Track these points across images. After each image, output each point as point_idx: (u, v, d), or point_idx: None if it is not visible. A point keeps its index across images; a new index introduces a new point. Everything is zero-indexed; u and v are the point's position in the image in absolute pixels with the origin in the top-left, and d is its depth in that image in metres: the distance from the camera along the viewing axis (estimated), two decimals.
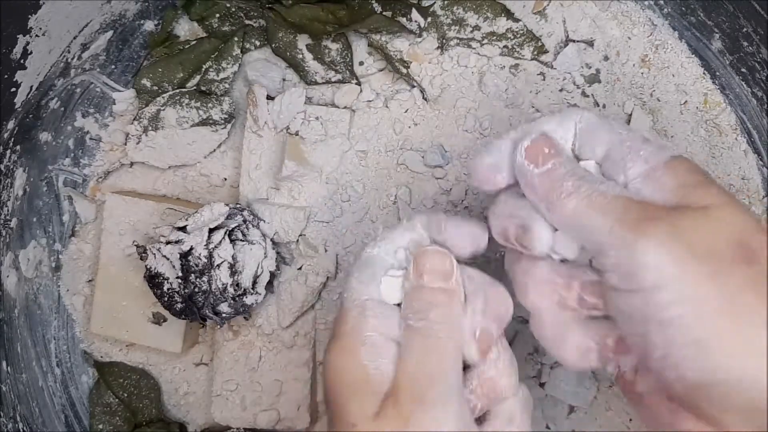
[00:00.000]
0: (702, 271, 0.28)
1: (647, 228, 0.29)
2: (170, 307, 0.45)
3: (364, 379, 0.31)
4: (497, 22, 0.49)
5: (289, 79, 0.51)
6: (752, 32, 0.45)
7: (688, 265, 0.28)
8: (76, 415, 0.52)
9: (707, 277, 0.28)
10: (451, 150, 0.49)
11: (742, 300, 0.27)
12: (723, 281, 0.28)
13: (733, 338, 0.27)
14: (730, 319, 0.27)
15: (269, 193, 0.49)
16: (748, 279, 0.28)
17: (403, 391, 0.31)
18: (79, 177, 0.52)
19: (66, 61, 0.48)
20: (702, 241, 0.28)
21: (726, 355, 0.27)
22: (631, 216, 0.29)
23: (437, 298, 0.33)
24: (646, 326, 0.29)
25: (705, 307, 0.27)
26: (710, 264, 0.28)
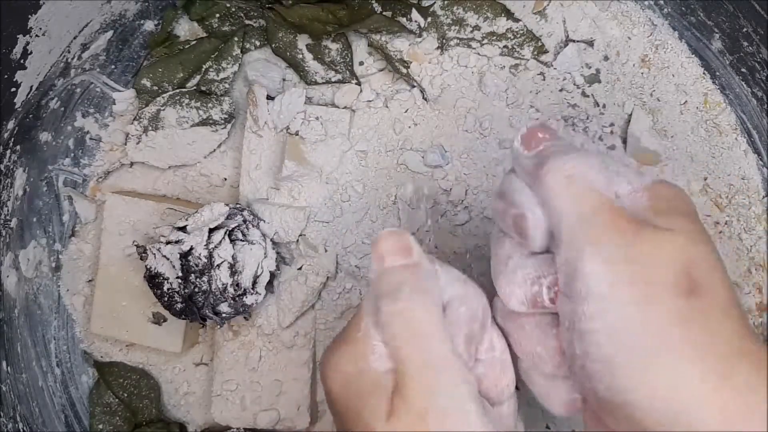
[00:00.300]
0: (634, 294, 0.27)
1: (601, 236, 0.28)
2: (170, 307, 0.45)
3: (374, 384, 0.30)
4: (497, 22, 0.49)
5: (289, 79, 0.51)
6: (752, 32, 0.45)
7: (623, 286, 0.27)
8: (76, 415, 0.52)
9: (637, 301, 0.27)
10: (451, 150, 0.49)
11: (668, 332, 0.27)
12: (654, 309, 0.27)
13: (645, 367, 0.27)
14: (647, 348, 0.27)
15: (269, 193, 0.49)
16: (683, 312, 0.27)
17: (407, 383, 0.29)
18: (79, 177, 0.52)
19: (66, 61, 0.48)
20: (649, 264, 0.28)
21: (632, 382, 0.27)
22: (596, 217, 0.29)
23: (404, 275, 0.31)
24: (571, 334, 0.29)
25: (625, 330, 0.27)
26: (647, 289, 0.27)
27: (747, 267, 0.48)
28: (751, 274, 0.48)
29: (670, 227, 0.28)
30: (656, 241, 0.28)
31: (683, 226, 0.29)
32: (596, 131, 0.49)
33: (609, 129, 0.49)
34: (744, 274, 0.48)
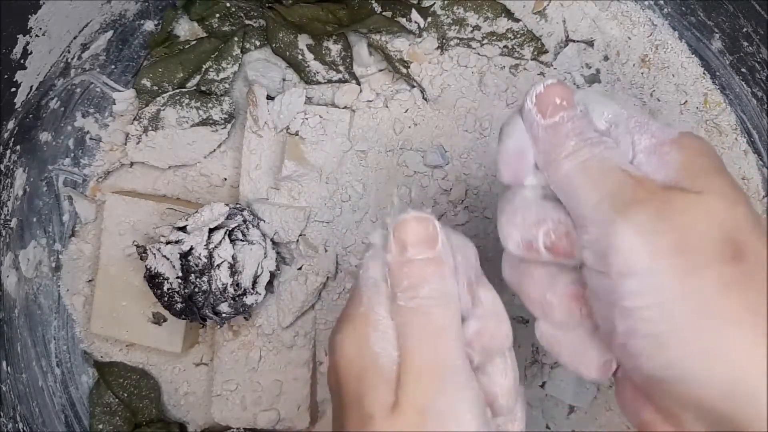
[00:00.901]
0: (677, 264, 0.26)
1: (632, 210, 0.27)
2: (170, 307, 0.45)
3: (376, 367, 0.29)
4: (497, 22, 0.49)
5: (289, 79, 0.51)
6: (752, 32, 0.45)
7: (663, 258, 0.26)
8: (76, 415, 0.52)
9: (682, 272, 0.26)
10: (451, 150, 0.49)
11: (716, 300, 0.26)
12: (699, 278, 0.26)
13: (696, 338, 0.26)
14: (697, 318, 0.26)
15: (269, 193, 0.49)
16: (729, 278, 0.26)
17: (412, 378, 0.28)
18: (79, 177, 0.52)
19: (66, 61, 0.48)
20: (686, 231, 0.26)
21: (684, 355, 0.26)
22: (621, 194, 0.28)
23: (426, 272, 0.30)
24: (612, 311, 0.28)
25: (672, 303, 0.26)
26: (689, 258, 0.26)
27: None
28: None
29: (703, 189, 0.27)
30: (691, 206, 0.27)
31: (717, 185, 0.28)
32: None
33: None
34: None
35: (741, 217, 0.27)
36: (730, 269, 0.26)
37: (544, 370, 0.47)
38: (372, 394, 0.29)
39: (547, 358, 0.47)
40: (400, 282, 0.30)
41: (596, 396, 0.48)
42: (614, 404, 0.48)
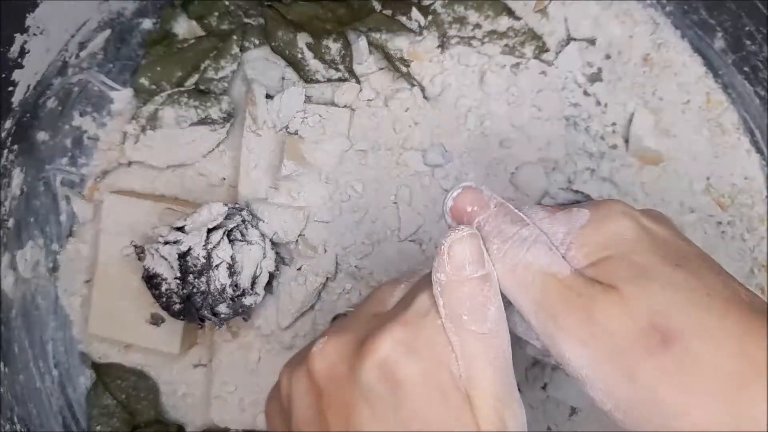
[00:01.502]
0: (616, 369, 0.27)
1: (563, 319, 0.28)
2: (168, 308, 0.45)
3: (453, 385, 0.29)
4: (498, 20, 0.49)
5: (288, 77, 0.51)
6: (755, 31, 0.45)
7: (604, 364, 0.27)
8: (73, 417, 0.52)
9: (623, 375, 0.27)
10: (452, 149, 0.48)
11: (658, 393, 0.26)
12: (637, 377, 0.26)
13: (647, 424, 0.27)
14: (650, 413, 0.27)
15: (268, 193, 0.49)
16: (661, 368, 0.26)
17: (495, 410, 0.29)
18: (77, 177, 0.52)
19: (63, 60, 0.47)
20: (613, 332, 0.27)
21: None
22: (549, 300, 0.28)
23: (487, 294, 0.30)
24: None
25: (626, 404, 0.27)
26: (624, 359, 0.27)
27: (750, 267, 0.48)
28: (753, 274, 0.48)
29: (614, 282, 0.28)
30: (609, 304, 0.27)
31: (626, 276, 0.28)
32: (598, 130, 0.49)
33: (611, 128, 0.49)
34: (747, 275, 0.48)
35: (655, 300, 0.27)
36: (662, 359, 0.26)
37: (546, 371, 0.47)
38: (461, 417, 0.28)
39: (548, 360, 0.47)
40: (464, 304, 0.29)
41: None
42: None
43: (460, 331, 0.29)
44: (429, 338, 0.29)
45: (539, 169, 0.48)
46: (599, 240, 0.29)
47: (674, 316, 0.27)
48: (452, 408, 0.28)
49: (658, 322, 0.27)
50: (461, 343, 0.29)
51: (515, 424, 0.29)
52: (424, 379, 0.28)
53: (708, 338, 0.26)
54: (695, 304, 0.27)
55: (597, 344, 0.27)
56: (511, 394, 0.30)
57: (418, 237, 0.48)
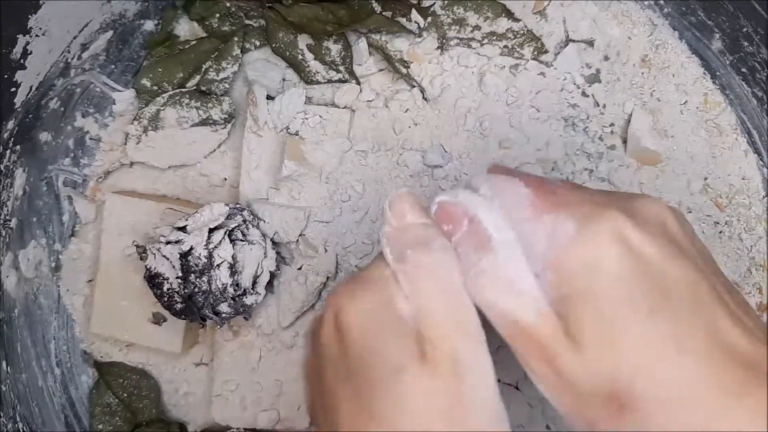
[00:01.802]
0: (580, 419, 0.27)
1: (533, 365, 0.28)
2: (170, 307, 0.45)
3: (400, 324, 0.29)
4: (497, 22, 0.49)
5: (289, 79, 0.51)
6: (752, 32, 0.45)
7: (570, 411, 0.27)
8: (75, 415, 0.52)
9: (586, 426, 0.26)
10: (451, 150, 0.49)
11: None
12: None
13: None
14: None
15: (269, 193, 0.49)
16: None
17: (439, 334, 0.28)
18: (79, 177, 0.52)
19: (66, 61, 0.48)
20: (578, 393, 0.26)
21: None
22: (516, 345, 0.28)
23: (430, 232, 0.30)
24: None
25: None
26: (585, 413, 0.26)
27: (747, 267, 0.48)
28: (751, 274, 0.48)
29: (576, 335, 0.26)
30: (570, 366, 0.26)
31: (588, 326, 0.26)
32: (596, 131, 0.49)
33: (609, 129, 0.49)
34: (744, 274, 0.48)
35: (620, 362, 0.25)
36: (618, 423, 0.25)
37: None
38: (402, 346, 0.28)
39: None
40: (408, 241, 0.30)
41: None
42: None
43: (406, 267, 0.29)
44: (373, 283, 0.30)
45: (538, 169, 0.48)
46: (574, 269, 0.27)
47: (638, 381, 0.25)
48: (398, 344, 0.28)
49: (619, 388, 0.25)
50: (408, 279, 0.29)
51: (470, 357, 0.28)
52: (369, 322, 0.29)
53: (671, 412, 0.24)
54: (665, 363, 0.25)
55: (563, 395, 0.27)
56: (465, 328, 0.28)
57: None
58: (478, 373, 0.28)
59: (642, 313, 0.25)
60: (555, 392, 0.27)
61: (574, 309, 0.27)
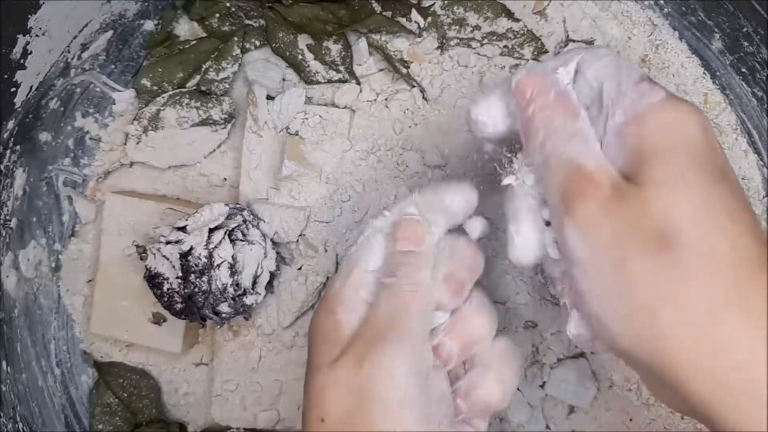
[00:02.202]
0: (611, 257, 0.28)
1: (576, 208, 0.29)
2: (170, 307, 0.45)
3: (333, 329, 0.34)
4: (497, 22, 0.49)
5: (288, 79, 0.51)
6: (752, 32, 0.45)
7: (599, 254, 0.28)
8: (75, 415, 0.52)
9: (614, 264, 0.28)
10: (451, 150, 0.49)
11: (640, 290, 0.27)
12: (625, 269, 0.28)
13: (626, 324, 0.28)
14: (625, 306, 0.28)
15: (269, 193, 0.49)
16: (651, 269, 0.27)
17: (363, 334, 0.33)
18: (79, 177, 0.52)
19: (66, 61, 0.48)
20: (621, 225, 0.28)
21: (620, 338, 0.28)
22: (569, 189, 0.29)
23: (406, 259, 0.35)
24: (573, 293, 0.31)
25: (605, 292, 0.28)
26: (620, 251, 0.28)
27: None
28: None
29: (644, 180, 0.28)
30: (628, 200, 0.28)
31: (659, 174, 0.28)
32: None
33: None
34: None
35: (678, 208, 0.27)
36: (654, 259, 0.27)
37: (544, 370, 0.47)
38: (323, 350, 0.34)
39: (547, 358, 0.47)
40: (385, 267, 0.36)
41: (596, 396, 0.48)
42: (614, 404, 0.48)
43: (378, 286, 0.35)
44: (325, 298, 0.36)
45: None
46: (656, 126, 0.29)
47: (687, 228, 0.27)
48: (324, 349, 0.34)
49: (668, 228, 0.27)
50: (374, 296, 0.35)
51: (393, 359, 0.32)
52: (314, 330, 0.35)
53: (708, 258, 0.27)
54: (715, 223, 0.27)
55: (600, 233, 0.28)
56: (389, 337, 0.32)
57: None
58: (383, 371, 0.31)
59: (708, 178, 0.28)
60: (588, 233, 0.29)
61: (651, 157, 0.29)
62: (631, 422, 0.48)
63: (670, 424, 0.48)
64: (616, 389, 0.48)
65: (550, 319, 0.47)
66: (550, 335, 0.47)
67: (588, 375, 0.47)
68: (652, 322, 0.27)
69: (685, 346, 0.27)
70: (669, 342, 0.27)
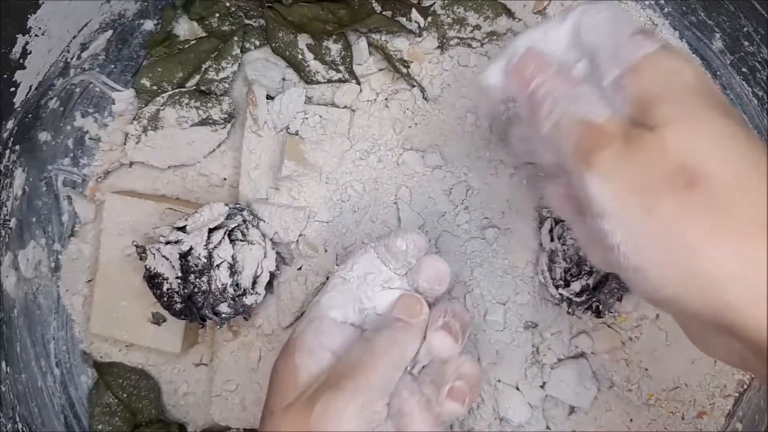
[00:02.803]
0: (638, 202, 0.28)
1: (593, 159, 0.29)
2: (170, 308, 0.45)
3: (291, 375, 0.35)
4: (498, 21, 0.49)
5: (288, 78, 0.51)
6: (753, 32, 0.45)
7: (626, 198, 0.28)
8: (75, 416, 0.52)
9: (643, 208, 0.28)
10: (451, 149, 0.49)
11: (678, 229, 0.27)
12: (658, 212, 0.27)
13: (668, 268, 0.28)
14: (665, 250, 0.27)
15: (269, 193, 0.49)
16: (683, 207, 0.27)
17: (323, 382, 0.34)
18: (79, 177, 0.52)
19: (65, 61, 0.48)
20: (642, 169, 0.28)
21: (663, 284, 0.28)
22: (584, 145, 0.30)
23: (394, 324, 0.37)
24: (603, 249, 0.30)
25: (641, 238, 0.28)
26: (647, 194, 0.28)
27: None
28: None
29: (656, 122, 0.28)
30: (644, 143, 0.28)
31: (669, 114, 0.28)
32: None
33: None
34: None
35: (696, 142, 0.28)
36: (685, 198, 0.27)
37: (545, 370, 0.47)
38: (278, 395, 0.34)
39: (547, 358, 0.47)
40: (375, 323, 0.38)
41: (596, 396, 0.48)
42: (615, 404, 0.48)
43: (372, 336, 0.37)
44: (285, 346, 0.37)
45: (538, 169, 0.48)
46: (655, 73, 0.30)
47: (709, 160, 0.27)
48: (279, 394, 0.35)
49: (691, 163, 0.27)
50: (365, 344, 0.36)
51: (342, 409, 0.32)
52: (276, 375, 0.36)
53: (737, 186, 0.27)
54: (733, 151, 0.27)
55: (623, 177, 0.28)
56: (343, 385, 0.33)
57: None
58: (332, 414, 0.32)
59: (717, 113, 0.28)
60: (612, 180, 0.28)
61: (657, 102, 0.29)
62: (631, 422, 0.48)
63: (670, 424, 0.48)
64: (616, 389, 0.48)
65: (550, 319, 0.47)
66: (550, 335, 0.47)
67: (588, 375, 0.47)
68: (696, 262, 0.27)
69: (737, 278, 0.26)
70: (719, 280, 0.26)
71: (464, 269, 0.47)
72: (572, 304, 0.45)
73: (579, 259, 0.44)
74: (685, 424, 0.48)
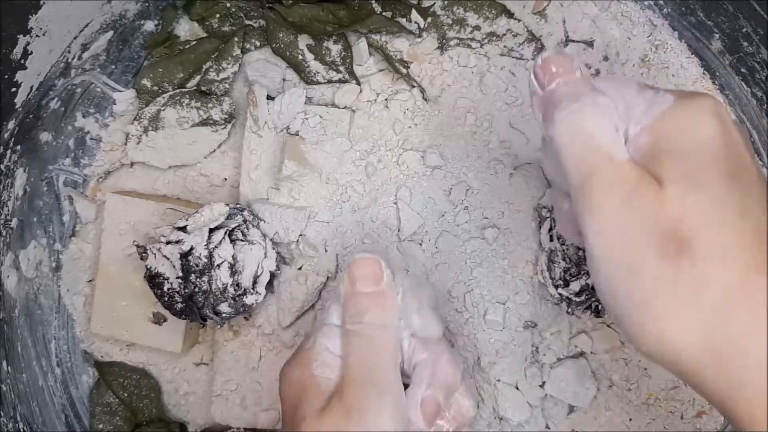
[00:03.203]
0: (624, 262, 0.28)
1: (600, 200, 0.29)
2: (170, 307, 0.45)
3: (314, 385, 0.35)
4: (497, 22, 0.49)
5: (289, 79, 0.51)
6: (752, 32, 0.45)
7: (614, 248, 0.29)
8: (76, 415, 0.52)
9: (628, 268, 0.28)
10: (451, 150, 0.49)
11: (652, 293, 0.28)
12: (641, 274, 0.28)
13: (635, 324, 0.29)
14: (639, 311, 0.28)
15: (269, 193, 0.49)
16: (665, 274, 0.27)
17: (346, 386, 0.34)
18: (80, 177, 0.52)
19: (66, 61, 0.48)
20: (637, 226, 0.28)
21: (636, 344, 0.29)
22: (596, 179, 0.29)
23: (370, 302, 0.36)
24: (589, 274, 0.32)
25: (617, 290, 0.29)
26: (634, 252, 0.28)
27: None
28: None
29: (662, 177, 0.28)
30: (644, 200, 0.28)
31: (672, 175, 0.28)
32: None
33: None
34: None
35: (693, 207, 0.27)
36: (668, 265, 0.27)
37: (544, 370, 0.47)
38: (306, 402, 0.34)
39: (547, 358, 0.47)
40: (348, 310, 0.36)
41: (596, 396, 0.48)
42: (614, 404, 0.48)
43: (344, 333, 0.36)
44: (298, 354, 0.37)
45: (538, 169, 0.48)
46: (671, 130, 0.29)
47: (699, 230, 0.27)
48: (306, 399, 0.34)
49: (683, 230, 0.27)
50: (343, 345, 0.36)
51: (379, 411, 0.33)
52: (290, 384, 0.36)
53: (717, 262, 0.27)
54: (724, 223, 0.27)
55: (618, 231, 0.29)
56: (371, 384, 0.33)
57: (418, 237, 0.48)
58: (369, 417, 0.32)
59: (722, 176, 0.28)
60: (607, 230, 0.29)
61: (665, 159, 0.29)
62: (631, 422, 0.48)
63: (670, 424, 0.48)
64: (615, 389, 0.48)
65: (549, 318, 0.47)
66: (550, 335, 0.47)
67: (588, 375, 0.47)
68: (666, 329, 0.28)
69: (697, 352, 0.27)
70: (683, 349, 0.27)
71: (464, 269, 0.47)
72: (572, 303, 0.45)
73: (578, 259, 0.44)
74: (684, 423, 0.48)
